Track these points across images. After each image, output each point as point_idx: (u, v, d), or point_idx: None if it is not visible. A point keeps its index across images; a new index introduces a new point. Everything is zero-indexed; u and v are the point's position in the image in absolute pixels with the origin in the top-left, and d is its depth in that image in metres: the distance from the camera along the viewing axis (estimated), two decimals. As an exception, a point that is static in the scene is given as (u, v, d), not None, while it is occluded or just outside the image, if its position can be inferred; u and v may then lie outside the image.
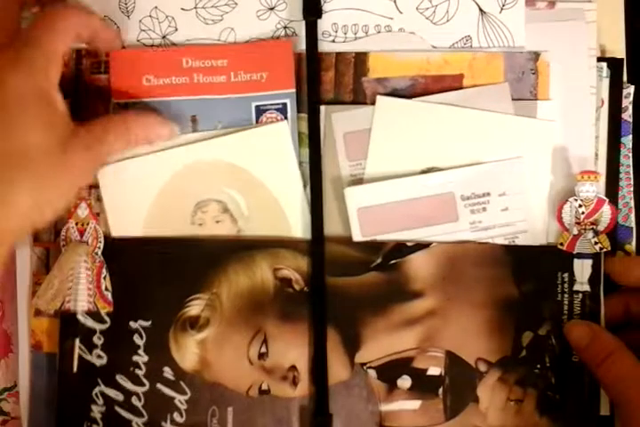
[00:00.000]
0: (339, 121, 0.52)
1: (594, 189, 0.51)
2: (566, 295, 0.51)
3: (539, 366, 0.51)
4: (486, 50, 0.52)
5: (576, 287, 0.51)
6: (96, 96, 0.53)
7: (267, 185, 0.51)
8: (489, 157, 0.51)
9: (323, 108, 0.51)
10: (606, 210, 0.51)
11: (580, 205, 0.51)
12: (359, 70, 0.52)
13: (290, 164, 0.51)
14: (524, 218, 0.51)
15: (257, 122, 0.52)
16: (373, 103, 0.51)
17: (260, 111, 0.52)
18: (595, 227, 0.51)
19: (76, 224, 0.52)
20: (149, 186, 0.52)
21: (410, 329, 0.51)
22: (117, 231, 0.52)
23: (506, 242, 0.51)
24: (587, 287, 0.51)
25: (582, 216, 0.51)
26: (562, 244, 0.51)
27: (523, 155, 0.51)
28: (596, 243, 0.51)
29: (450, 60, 0.51)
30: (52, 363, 0.52)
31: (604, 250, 0.51)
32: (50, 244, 0.53)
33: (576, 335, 0.49)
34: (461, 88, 0.51)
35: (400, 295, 0.51)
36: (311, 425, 0.51)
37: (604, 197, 0.51)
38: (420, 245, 0.51)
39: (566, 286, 0.51)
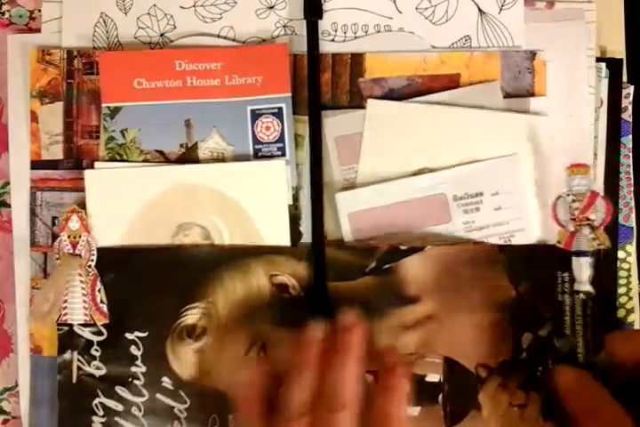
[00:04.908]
0: (331, 125, 0.51)
1: (585, 182, 0.49)
2: (567, 295, 0.50)
3: (541, 368, 0.50)
4: (483, 49, 0.52)
5: (576, 287, 0.50)
6: (88, 97, 0.53)
7: (254, 220, 0.51)
8: (482, 156, 0.51)
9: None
10: (600, 204, 0.49)
11: (574, 200, 0.50)
12: (355, 71, 0.51)
13: (280, 203, 0.51)
14: (519, 216, 0.51)
15: (253, 126, 0.51)
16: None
17: (255, 115, 0.51)
18: (591, 222, 0.50)
19: (69, 237, 0.51)
20: (135, 198, 0.52)
21: (406, 334, 0.51)
22: (100, 240, 0.52)
23: (501, 241, 0.50)
24: (587, 287, 0.50)
25: (577, 212, 0.50)
26: (559, 241, 0.50)
27: (515, 151, 0.50)
28: (593, 239, 0.50)
29: (446, 60, 0.51)
30: (52, 366, 0.53)
31: (603, 247, 0.50)
32: (47, 248, 0.53)
33: (563, 382, 0.47)
34: (458, 88, 0.51)
35: (395, 300, 0.51)
36: None
37: (597, 191, 0.50)
38: (415, 249, 0.50)
39: (567, 285, 0.50)
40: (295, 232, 0.51)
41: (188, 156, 0.52)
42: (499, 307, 0.50)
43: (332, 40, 0.52)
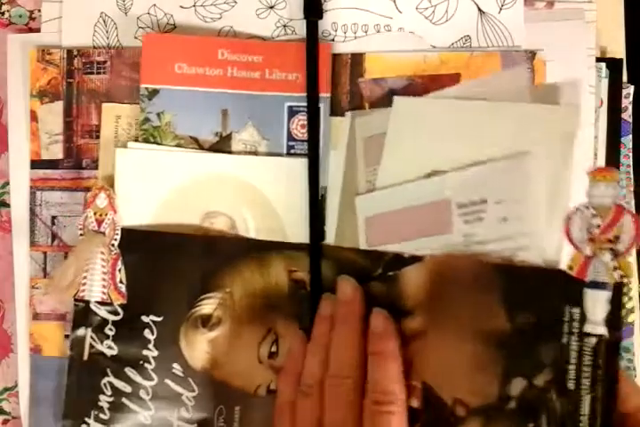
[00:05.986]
0: (360, 125, 0.50)
1: (611, 192, 0.40)
2: (574, 337, 0.41)
3: (531, 425, 0.42)
4: (483, 49, 0.51)
5: (587, 328, 0.40)
6: (88, 97, 0.53)
7: (279, 215, 0.51)
8: (502, 154, 0.45)
9: (347, 112, 0.51)
10: (628, 222, 0.39)
11: (594, 215, 0.40)
12: (355, 71, 0.51)
13: (304, 199, 0.50)
14: (526, 231, 0.43)
15: (288, 122, 0.51)
16: (370, 104, 0.51)
17: (292, 112, 0.51)
18: (613, 246, 0.39)
19: (95, 214, 0.51)
20: (165, 182, 0.52)
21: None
22: (126, 220, 0.52)
23: (502, 259, 0.44)
24: (602, 330, 0.40)
25: (597, 231, 0.40)
26: (571, 267, 0.41)
27: (536, 149, 0.44)
28: (615, 268, 0.39)
29: (446, 60, 0.51)
30: (52, 366, 0.53)
31: (627, 279, 0.39)
32: (47, 247, 0.53)
33: None
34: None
35: (394, 310, 0.47)
36: None
37: (625, 204, 0.41)
38: (415, 258, 0.48)
39: (576, 324, 0.41)
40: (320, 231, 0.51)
41: (222, 145, 0.52)
42: (489, 340, 0.43)
43: (333, 40, 0.52)
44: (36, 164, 0.53)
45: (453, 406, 0.44)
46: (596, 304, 0.40)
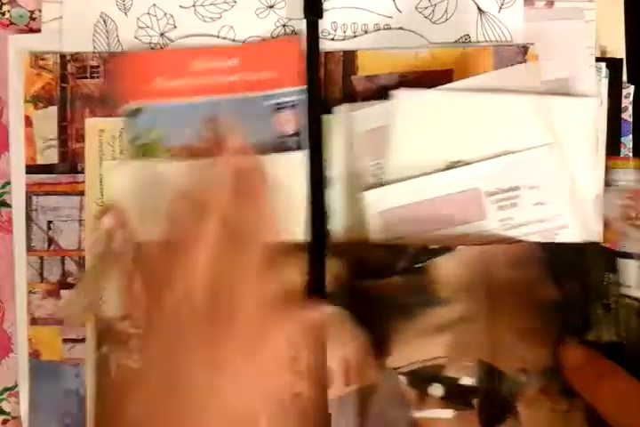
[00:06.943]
0: (359, 119, 0.49)
1: (629, 177, 0.46)
2: (613, 298, 0.47)
3: None
4: (475, 45, 0.51)
5: (623, 291, 0.47)
6: (82, 101, 0.52)
7: (280, 214, 0.49)
8: (523, 146, 0.47)
9: (343, 106, 0.50)
10: None
11: (619, 197, 0.46)
12: (348, 69, 0.51)
13: (302, 196, 0.50)
14: (562, 212, 0.47)
15: (273, 120, 0.51)
16: (364, 101, 0.50)
17: (274, 109, 0.51)
18: (638, 222, 0.46)
19: (104, 233, 0.50)
20: (164, 194, 0.50)
21: (439, 336, 0.48)
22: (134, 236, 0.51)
23: (543, 239, 0.47)
24: (636, 292, 0.47)
25: (623, 210, 0.47)
26: (605, 241, 0.47)
27: (559, 140, 0.47)
28: None
29: (438, 56, 0.51)
30: (51, 370, 0.52)
31: None
32: (44, 252, 0.52)
33: (567, 357, 0.46)
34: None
35: (427, 301, 0.48)
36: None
37: None
38: (446, 249, 0.48)
39: (614, 288, 0.47)
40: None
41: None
42: (540, 309, 0.47)
43: (332, 39, 0.52)
44: (32, 169, 0.53)
45: (514, 374, 0.47)
46: (628, 271, 0.46)
